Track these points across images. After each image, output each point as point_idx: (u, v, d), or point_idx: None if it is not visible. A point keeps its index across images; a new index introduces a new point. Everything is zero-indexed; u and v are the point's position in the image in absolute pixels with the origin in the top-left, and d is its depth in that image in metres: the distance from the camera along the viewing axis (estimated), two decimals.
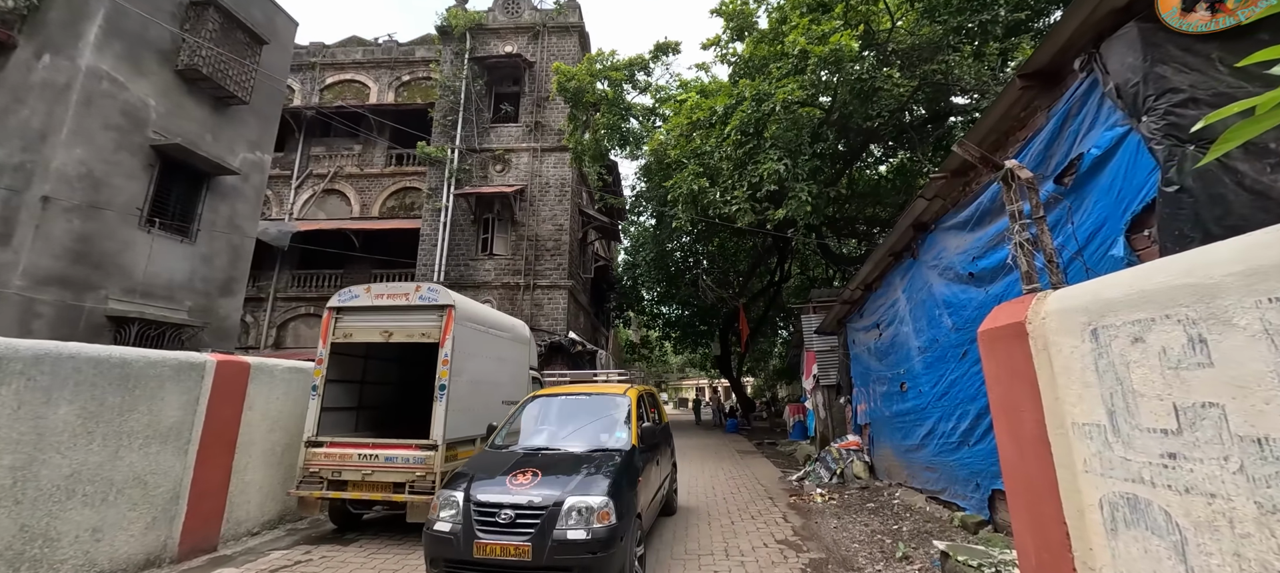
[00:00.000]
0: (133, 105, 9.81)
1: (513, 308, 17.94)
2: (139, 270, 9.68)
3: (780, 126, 7.86)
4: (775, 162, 7.91)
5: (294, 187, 21.93)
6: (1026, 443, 2.54)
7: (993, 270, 4.32)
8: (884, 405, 7.27)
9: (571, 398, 5.42)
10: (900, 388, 6.58)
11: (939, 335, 5.41)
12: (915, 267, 5.99)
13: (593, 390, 5.65)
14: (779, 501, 7.32)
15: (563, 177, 19.36)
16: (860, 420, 8.54)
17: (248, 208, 12.23)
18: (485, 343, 6.34)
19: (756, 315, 24.93)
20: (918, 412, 6.03)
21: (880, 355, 7.35)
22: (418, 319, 5.73)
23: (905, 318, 6.34)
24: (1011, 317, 2.60)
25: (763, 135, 8.31)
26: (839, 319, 9.44)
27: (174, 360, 4.80)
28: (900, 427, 6.65)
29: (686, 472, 9.80)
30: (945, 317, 5.23)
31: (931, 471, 5.71)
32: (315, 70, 23.70)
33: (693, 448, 14.48)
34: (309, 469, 5.44)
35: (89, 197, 9.05)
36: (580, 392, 5.60)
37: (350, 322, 5.89)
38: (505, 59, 20.05)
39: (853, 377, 8.99)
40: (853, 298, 8.35)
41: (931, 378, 5.64)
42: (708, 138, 8.77)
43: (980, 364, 4.70)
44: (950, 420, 5.21)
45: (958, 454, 5.07)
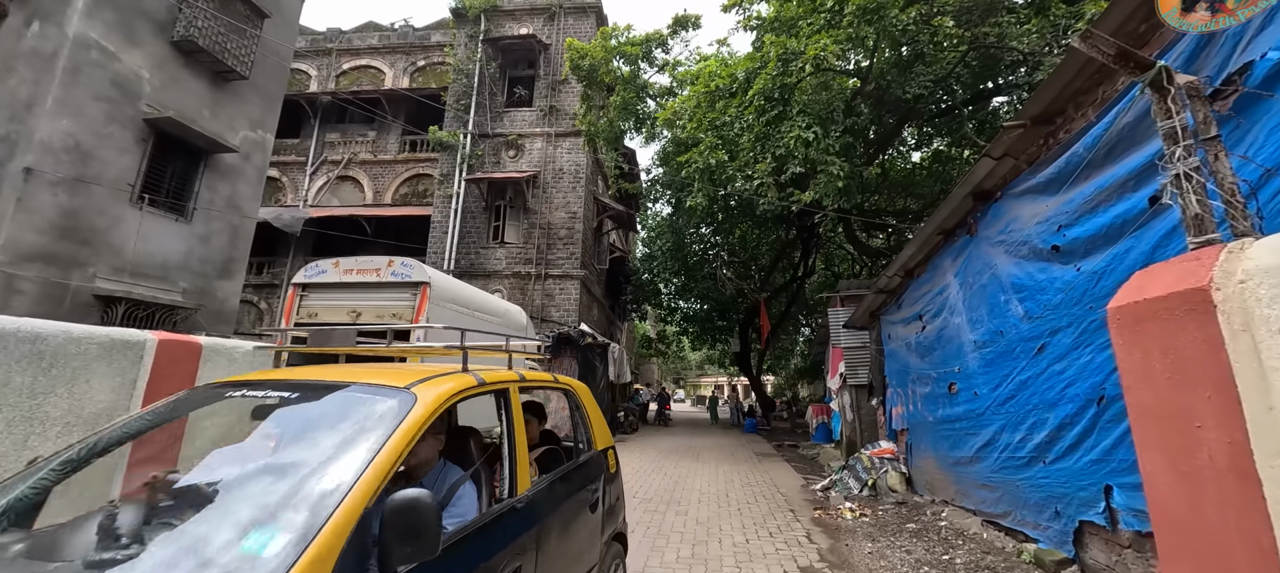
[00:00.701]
0: (124, 77, 9.42)
1: (523, 298, 17.35)
2: (130, 248, 9.30)
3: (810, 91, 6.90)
4: (804, 130, 6.95)
5: (309, 173, 21.78)
6: (1204, 474, 1.63)
7: (1091, 240, 3.37)
8: (926, 409, 6.30)
9: (280, 405, 1.89)
10: (948, 390, 5.62)
11: (1004, 327, 4.45)
12: (972, 245, 5.02)
13: (336, 377, 2.05)
14: (802, 514, 6.43)
15: (577, 163, 18.65)
16: (895, 425, 7.57)
17: (249, 188, 11.84)
18: (469, 325, 5.61)
19: (778, 312, 23.86)
20: (972, 418, 5.07)
21: (922, 352, 6.38)
22: (389, 298, 5.04)
23: (956, 307, 5.37)
24: (1179, 281, 1.69)
25: (789, 102, 7.36)
26: (872, 312, 8.45)
27: (103, 338, 4.18)
28: (947, 435, 5.69)
29: (698, 476, 8.97)
30: (1014, 303, 4.27)
31: (990, 490, 4.76)
32: (332, 56, 23.56)
33: (707, 448, 13.63)
34: None
35: (77, 170, 8.68)
36: (308, 381, 1.98)
37: (317, 300, 5.24)
38: (520, 41, 19.42)
39: (887, 376, 8.01)
40: (889, 287, 7.37)
41: (991, 378, 4.68)
42: (727, 108, 7.88)
43: (1064, 361, 3.75)
44: (1018, 430, 4.25)
45: (1028, 472, 4.12)
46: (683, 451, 12.97)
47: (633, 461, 10.77)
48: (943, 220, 5.34)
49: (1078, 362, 3.52)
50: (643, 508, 6.55)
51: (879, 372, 8.28)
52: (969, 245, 5.10)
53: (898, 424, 7.45)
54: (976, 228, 4.95)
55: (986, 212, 4.74)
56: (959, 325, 5.32)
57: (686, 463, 10.65)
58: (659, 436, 17.68)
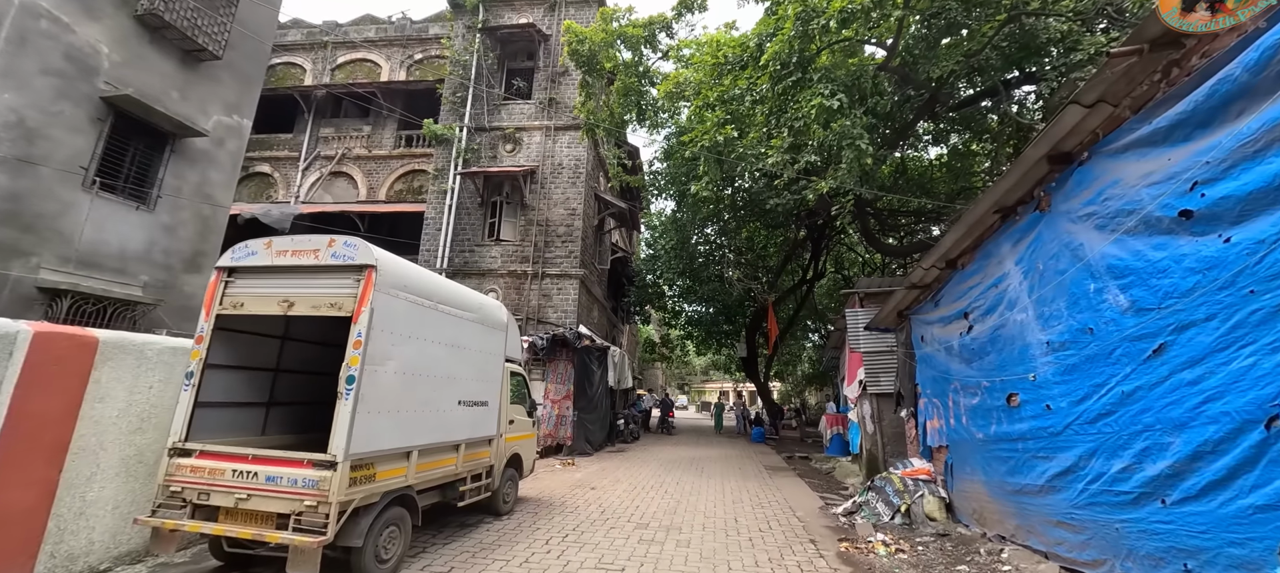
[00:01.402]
0: (79, 50, 8.65)
1: (519, 298, 16.50)
2: (81, 237, 8.49)
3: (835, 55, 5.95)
4: (826, 98, 6.00)
5: (301, 168, 21.08)
6: None
7: (1251, 199, 2.43)
8: (973, 424, 5.33)
9: None
10: (1006, 401, 4.65)
11: (1095, 323, 3.49)
12: (1044, 224, 4.07)
13: None
14: (825, 547, 5.46)
15: (577, 157, 17.82)
16: (931, 441, 6.58)
17: (222, 176, 11.05)
18: (431, 322, 4.71)
19: (785, 316, 22.87)
20: (1042, 437, 4.11)
21: (968, 356, 5.41)
22: (328, 284, 4.15)
23: (1019, 301, 4.42)
24: None
25: (808, 68, 6.42)
26: (901, 311, 7.49)
27: None
28: (1004, 456, 4.71)
29: (703, 494, 8.01)
30: (1112, 292, 3.32)
31: (1071, 529, 3.78)
32: (327, 49, 22.95)
33: (713, 461, 12.64)
34: (169, 488, 3.90)
35: (20, 149, 7.89)
36: None
37: (244, 287, 4.36)
38: (519, 30, 18.67)
39: (919, 384, 7.03)
40: (924, 281, 6.42)
41: (1074, 388, 3.72)
42: (737, 80, 6.97)
43: (1200, 367, 2.70)
44: (1119, 456, 3.29)
45: (1136, 513, 3.15)
46: (686, 463, 11.99)
47: (630, 475, 9.81)
48: (1002, 195, 4.39)
49: (1226, 368, 2.58)
50: (637, 537, 5.60)
51: (909, 379, 7.31)
52: (1038, 224, 4.15)
53: (934, 440, 6.47)
54: (1050, 202, 4.00)
55: (1066, 179, 3.79)
56: (1022, 323, 4.36)
57: (690, 478, 9.68)
58: (661, 445, 16.70)
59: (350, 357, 3.82)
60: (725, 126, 6.84)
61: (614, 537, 5.56)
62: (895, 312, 7.63)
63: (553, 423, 12.59)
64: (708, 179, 7.49)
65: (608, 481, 9.05)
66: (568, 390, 12.98)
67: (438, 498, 5.20)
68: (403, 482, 4.33)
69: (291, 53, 23.13)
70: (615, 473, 9.97)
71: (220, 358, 4.55)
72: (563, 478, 9.19)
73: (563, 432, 12.60)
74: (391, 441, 4.16)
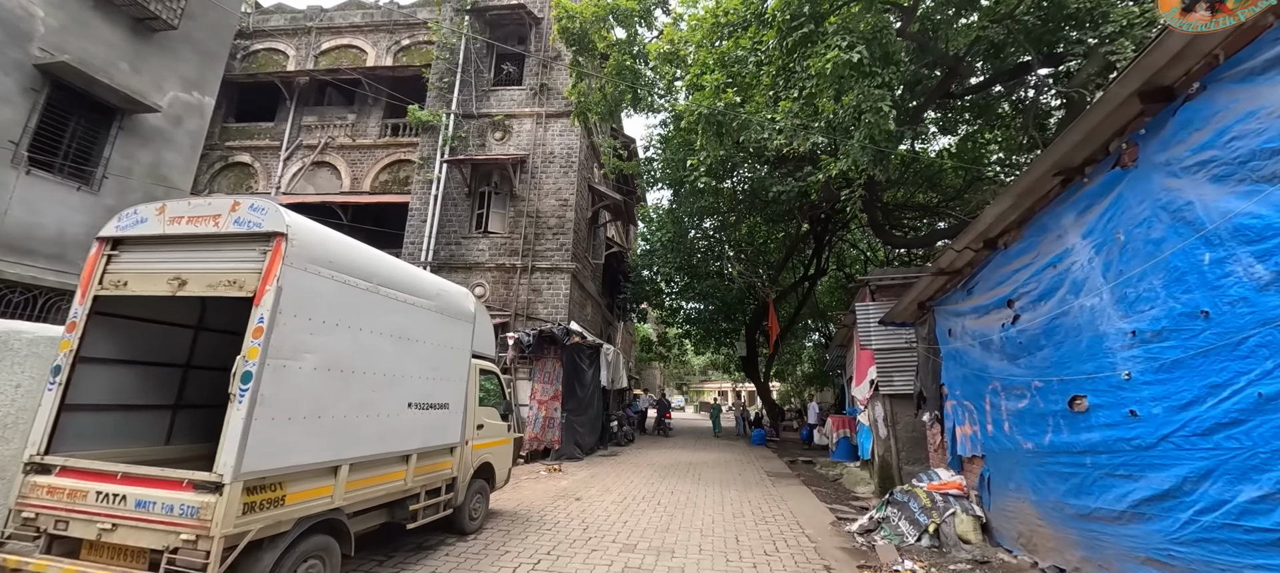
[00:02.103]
0: (9, 11, 7.80)
1: (508, 292, 15.67)
2: (6, 218, 7.63)
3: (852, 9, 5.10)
4: (844, 51, 5.14)
5: (283, 158, 20.20)
6: None
7: None
8: (1021, 431, 4.50)
9: None
10: (1068, 405, 3.82)
11: (1213, 303, 2.68)
12: (1128, 182, 3.25)
13: None
14: (840, 571, 4.64)
15: (570, 145, 16.98)
16: (962, 450, 5.76)
17: (180, 158, 10.19)
18: (369, 308, 3.87)
19: (786, 314, 22.06)
20: (1124, 449, 3.29)
21: (1014, 351, 4.58)
22: (228, 256, 3.31)
23: (1089, 281, 3.59)
24: None
25: (822, 19, 5.57)
26: (922, 302, 6.66)
27: None
28: (1066, 471, 3.89)
29: (700, 506, 7.17)
30: (1243, 262, 2.50)
31: (1169, 570, 2.95)
32: (311, 35, 22.07)
33: (711, 465, 11.80)
34: (21, 514, 3.06)
35: None
36: None
37: (130, 261, 3.51)
38: (509, 12, 17.83)
39: (946, 383, 6.21)
40: (954, 267, 5.59)
41: (1174, 389, 2.90)
42: (741, 39, 6.14)
43: None
44: (1250, 480, 2.48)
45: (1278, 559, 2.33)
46: (682, 469, 11.15)
47: (621, 483, 8.97)
48: (1067, 152, 3.55)
49: None
50: (622, 562, 4.76)
51: (933, 379, 6.48)
52: (1119, 184, 3.32)
53: (966, 450, 5.64)
54: (1137, 153, 3.17)
55: (1164, 122, 2.96)
56: (1093, 309, 3.54)
57: (686, 486, 8.84)
58: (656, 448, 15.86)
59: (248, 347, 2.98)
60: (726, 91, 6.00)
61: (594, 563, 4.73)
62: (915, 303, 6.80)
63: (539, 425, 11.74)
64: (706, 153, 6.63)
65: (596, 490, 8.22)
66: (556, 391, 12.13)
67: (384, 518, 4.36)
68: (327, 504, 3.49)
69: (274, 38, 22.24)
70: (605, 480, 9.13)
71: (104, 351, 3.70)
72: (546, 487, 8.35)
73: (550, 435, 11.75)
74: (309, 454, 3.32)
